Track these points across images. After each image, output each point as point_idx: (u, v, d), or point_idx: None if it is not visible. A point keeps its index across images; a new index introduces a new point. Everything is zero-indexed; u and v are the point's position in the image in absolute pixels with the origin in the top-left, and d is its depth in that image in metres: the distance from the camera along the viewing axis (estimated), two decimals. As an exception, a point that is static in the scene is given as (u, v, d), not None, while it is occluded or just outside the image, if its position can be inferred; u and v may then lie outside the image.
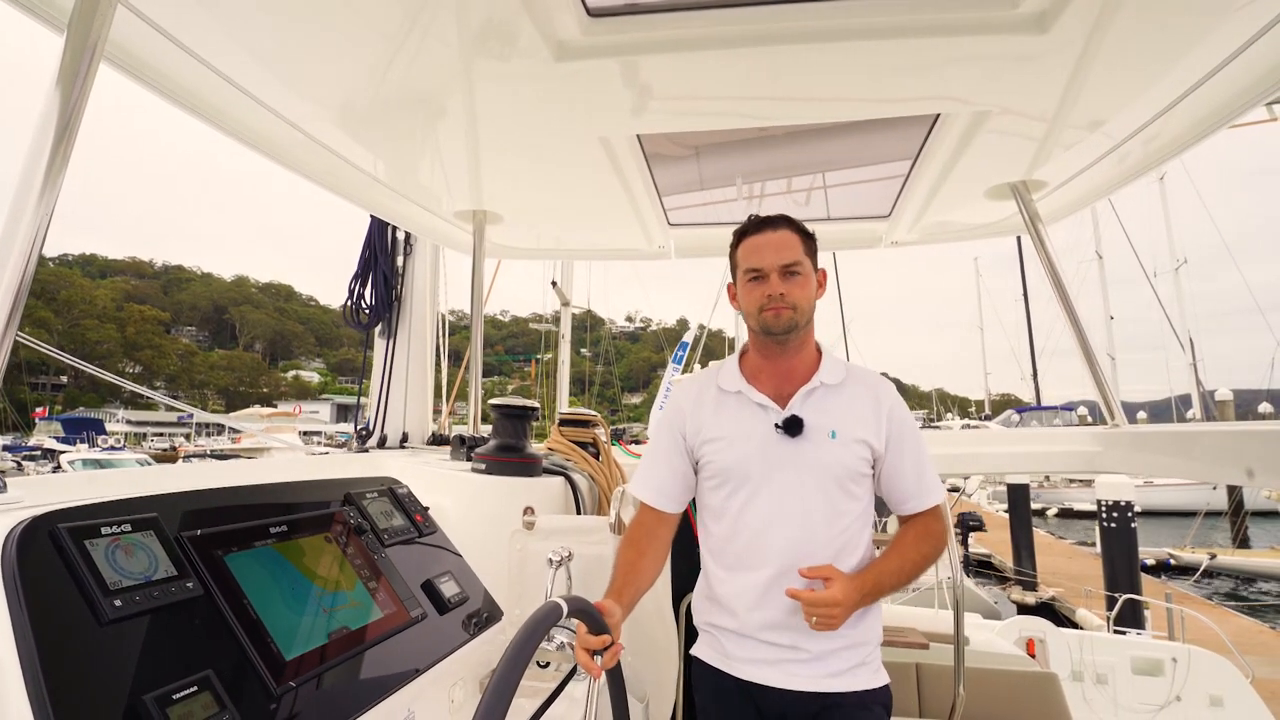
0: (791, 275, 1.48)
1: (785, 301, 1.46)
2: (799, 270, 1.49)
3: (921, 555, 1.49)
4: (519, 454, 2.02)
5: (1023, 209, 2.38)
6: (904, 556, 1.49)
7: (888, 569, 1.46)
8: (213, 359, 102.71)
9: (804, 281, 1.50)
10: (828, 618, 1.37)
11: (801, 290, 1.49)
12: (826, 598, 1.36)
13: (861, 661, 1.48)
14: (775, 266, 1.47)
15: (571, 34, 1.52)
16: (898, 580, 1.47)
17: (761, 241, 1.51)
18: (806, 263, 1.51)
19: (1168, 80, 1.68)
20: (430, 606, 1.43)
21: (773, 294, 1.46)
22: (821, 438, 1.47)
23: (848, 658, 1.46)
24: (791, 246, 1.49)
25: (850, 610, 1.39)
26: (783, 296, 1.46)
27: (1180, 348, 22.33)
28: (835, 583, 1.38)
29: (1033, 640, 4.74)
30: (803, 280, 1.49)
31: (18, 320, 1.08)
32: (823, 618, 1.37)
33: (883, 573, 1.45)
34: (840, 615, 1.37)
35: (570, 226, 3.15)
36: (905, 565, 1.48)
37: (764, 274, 1.48)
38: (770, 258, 1.48)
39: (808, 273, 1.51)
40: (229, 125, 1.88)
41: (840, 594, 1.36)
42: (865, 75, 1.67)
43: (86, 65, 1.20)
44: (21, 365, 58.16)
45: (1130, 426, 2.34)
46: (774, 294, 1.46)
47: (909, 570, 1.48)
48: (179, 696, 0.88)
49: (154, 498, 1.09)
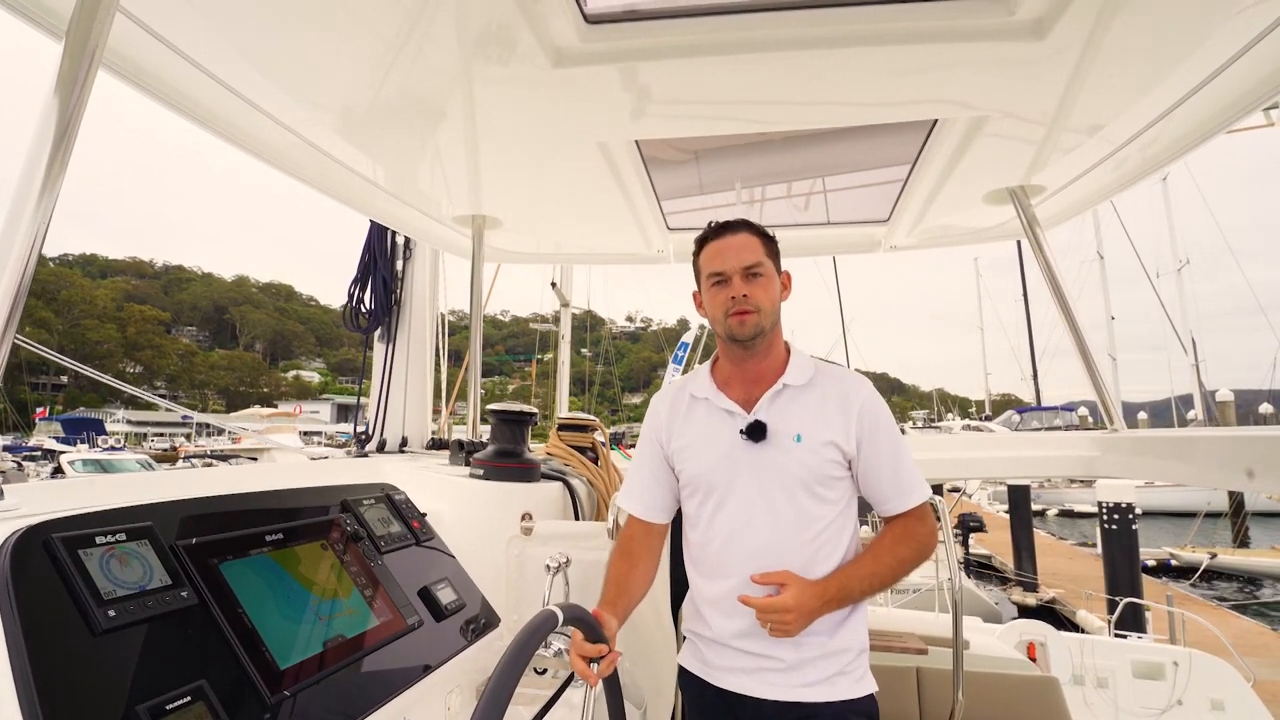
0: (754, 277, 1.46)
1: (749, 303, 1.45)
2: (760, 271, 1.47)
3: (898, 559, 1.43)
4: (517, 459, 2.02)
5: (1021, 214, 2.38)
6: (878, 560, 1.43)
7: (858, 574, 1.41)
8: (213, 359, 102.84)
9: (766, 283, 1.48)
10: (781, 624, 1.33)
11: (764, 291, 1.47)
12: (777, 604, 1.33)
13: (840, 670, 1.43)
14: (737, 269, 1.46)
15: (569, 40, 1.53)
16: (870, 585, 1.41)
17: (722, 245, 1.50)
18: (769, 264, 1.49)
19: (1164, 86, 1.68)
20: (427, 613, 1.42)
21: (735, 295, 1.45)
22: (786, 442, 1.44)
23: (824, 667, 1.42)
24: (752, 248, 1.48)
25: (807, 617, 1.35)
26: (745, 298, 1.45)
27: (1182, 348, 22.29)
28: (789, 589, 1.34)
29: (1033, 644, 4.74)
30: (765, 281, 1.47)
31: (17, 320, 1.08)
32: (776, 624, 1.34)
33: (851, 577, 1.40)
34: (795, 621, 1.33)
35: (569, 231, 3.15)
36: (879, 569, 1.42)
37: (726, 277, 1.47)
38: (732, 260, 1.47)
39: (770, 274, 1.49)
40: (228, 131, 1.88)
41: (792, 600, 1.33)
42: (863, 81, 1.67)
43: (85, 72, 1.20)
44: (22, 365, 58.21)
45: (1129, 431, 2.34)
46: (736, 295, 1.45)
47: (884, 574, 1.42)
48: (172, 707, 0.88)
49: (149, 506, 1.09)
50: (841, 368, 1.55)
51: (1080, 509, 27.59)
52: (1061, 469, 2.58)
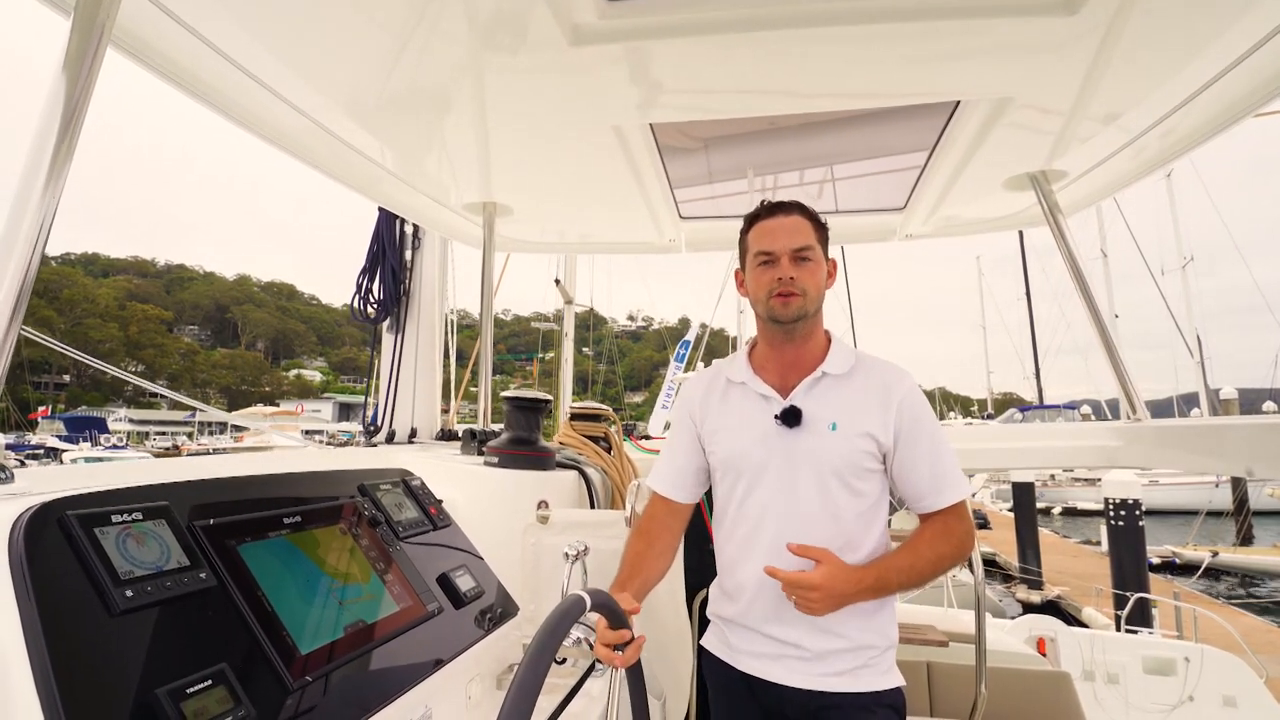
0: (802, 260, 1.44)
1: (795, 286, 1.42)
2: (810, 256, 1.44)
3: (937, 555, 1.39)
4: (532, 447, 1.99)
5: (1042, 200, 2.34)
6: (917, 554, 1.39)
7: (897, 565, 1.37)
8: (215, 358, 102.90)
9: (814, 268, 1.45)
10: (806, 601, 1.30)
11: (812, 277, 1.44)
12: (804, 579, 1.30)
13: (865, 664, 1.41)
14: (787, 250, 1.43)
15: (588, 18, 1.49)
16: (908, 579, 1.38)
17: (774, 225, 1.47)
18: (818, 249, 1.46)
19: (1191, 68, 1.64)
20: (446, 601, 1.39)
21: (783, 277, 1.42)
22: (821, 429, 1.41)
23: (850, 659, 1.40)
24: (804, 232, 1.45)
25: (835, 599, 1.30)
26: (793, 280, 1.42)
27: (1186, 346, 22.19)
28: (823, 567, 1.31)
29: (1043, 639, 4.71)
30: (813, 267, 1.45)
31: (20, 318, 1.05)
32: (801, 599, 1.31)
33: (889, 568, 1.37)
34: (820, 601, 1.29)
35: (581, 219, 3.11)
36: (918, 563, 1.38)
37: (775, 257, 1.44)
38: (783, 240, 1.44)
39: (818, 260, 1.46)
40: (236, 113, 1.85)
41: (821, 579, 1.29)
42: (889, 61, 1.64)
43: (94, 50, 1.17)
44: (24, 364, 58.24)
45: (1153, 421, 2.30)
46: (784, 277, 1.42)
47: (922, 569, 1.38)
48: (193, 690, 0.85)
49: (165, 486, 1.06)
50: (884, 360, 1.51)
51: (1084, 507, 27.55)
52: (1082, 459, 2.54)
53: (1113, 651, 4.76)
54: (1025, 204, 2.60)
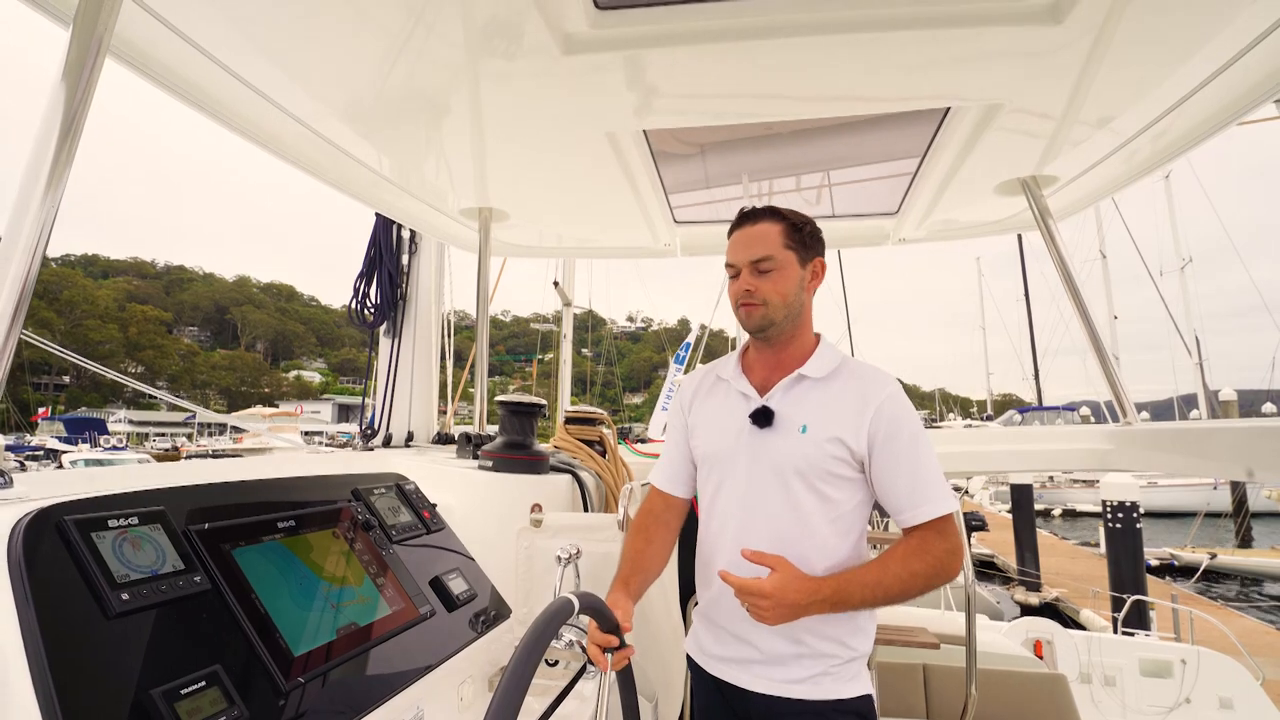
0: (763, 272, 1.43)
1: (754, 297, 1.42)
2: (769, 266, 1.42)
3: (909, 572, 1.29)
4: (526, 451, 2.01)
5: (1033, 204, 2.36)
6: (885, 569, 1.30)
7: (861, 580, 1.29)
8: (214, 359, 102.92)
9: (777, 277, 1.42)
10: (756, 609, 1.26)
11: (773, 285, 1.42)
12: (752, 586, 1.25)
13: (825, 671, 1.37)
14: (745, 262, 1.44)
15: (580, 27, 1.51)
16: (873, 595, 1.28)
17: (739, 236, 1.48)
18: (782, 255, 1.43)
19: (1180, 73, 1.66)
20: (439, 603, 1.41)
21: (739, 291, 1.44)
22: (792, 431, 1.39)
23: (808, 665, 1.37)
24: (765, 241, 1.43)
25: (787, 609, 1.25)
26: (749, 293, 1.42)
27: (1185, 347, 22.19)
28: (776, 575, 1.26)
29: (1040, 641, 4.73)
30: (776, 276, 1.42)
31: (21, 322, 1.07)
32: (753, 607, 1.27)
33: (851, 582, 1.29)
34: (770, 610, 1.24)
35: (576, 224, 3.13)
36: (885, 579, 1.29)
37: (737, 270, 1.46)
38: (742, 253, 1.45)
39: (783, 266, 1.43)
40: (234, 120, 1.87)
41: (770, 587, 1.24)
42: (879, 68, 1.66)
43: (93, 60, 1.19)
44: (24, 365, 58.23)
45: (1143, 424, 2.32)
46: (741, 290, 1.44)
47: (889, 585, 1.29)
48: (187, 692, 0.87)
49: (161, 491, 1.08)
50: (871, 366, 1.48)
51: (1082, 509, 27.55)
52: (1074, 462, 2.56)
53: (1109, 654, 4.77)
54: (1017, 209, 2.62)
